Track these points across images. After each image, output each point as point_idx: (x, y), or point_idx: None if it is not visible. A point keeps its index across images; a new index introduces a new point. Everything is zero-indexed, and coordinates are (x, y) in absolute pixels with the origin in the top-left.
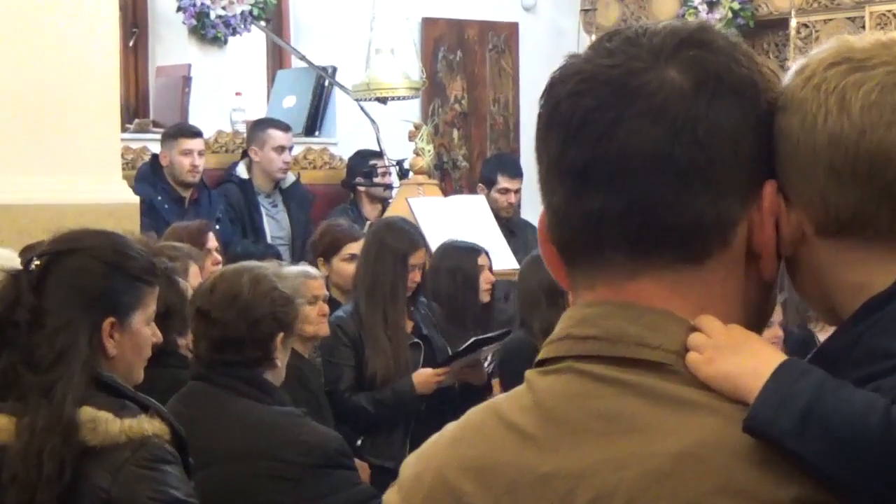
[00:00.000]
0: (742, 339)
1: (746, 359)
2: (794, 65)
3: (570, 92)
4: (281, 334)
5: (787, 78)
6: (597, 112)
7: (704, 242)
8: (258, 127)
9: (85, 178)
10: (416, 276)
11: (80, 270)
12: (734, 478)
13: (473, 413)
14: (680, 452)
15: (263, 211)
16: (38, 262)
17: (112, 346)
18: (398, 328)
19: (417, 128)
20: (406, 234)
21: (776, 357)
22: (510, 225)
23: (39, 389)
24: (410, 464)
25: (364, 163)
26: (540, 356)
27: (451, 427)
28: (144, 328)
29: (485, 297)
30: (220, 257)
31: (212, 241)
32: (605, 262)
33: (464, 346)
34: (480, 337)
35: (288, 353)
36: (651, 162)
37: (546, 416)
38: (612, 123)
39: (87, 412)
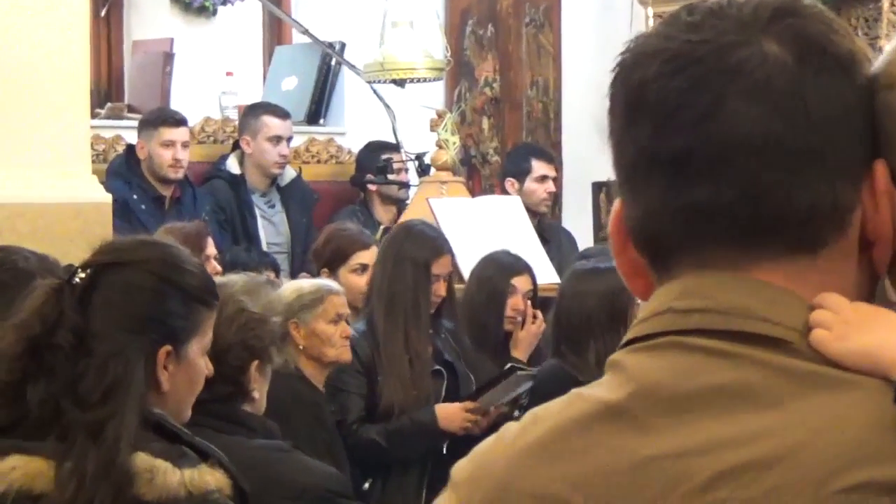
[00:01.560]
0: (874, 314)
1: (884, 333)
2: (894, 40)
3: (657, 74)
4: (255, 363)
5: (887, 54)
6: (693, 94)
7: (821, 230)
8: (251, 113)
9: (47, 173)
10: (440, 289)
11: (131, 287)
12: (884, 448)
13: (553, 404)
14: (820, 426)
15: (258, 212)
16: (82, 275)
17: (166, 380)
18: (421, 352)
19: (441, 115)
20: (428, 239)
21: None
22: (543, 230)
23: (87, 429)
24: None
25: (375, 157)
26: (628, 336)
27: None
28: (200, 359)
29: (507, 325)
30: (219, 266)
31: (210, 247)
32: (709, 259)
33: (499, 373)
34: (515, 365)
35: (267, 380)
36: (760, 145)
37: (647, 395)
38: (711, 105)
39: (144, 460)
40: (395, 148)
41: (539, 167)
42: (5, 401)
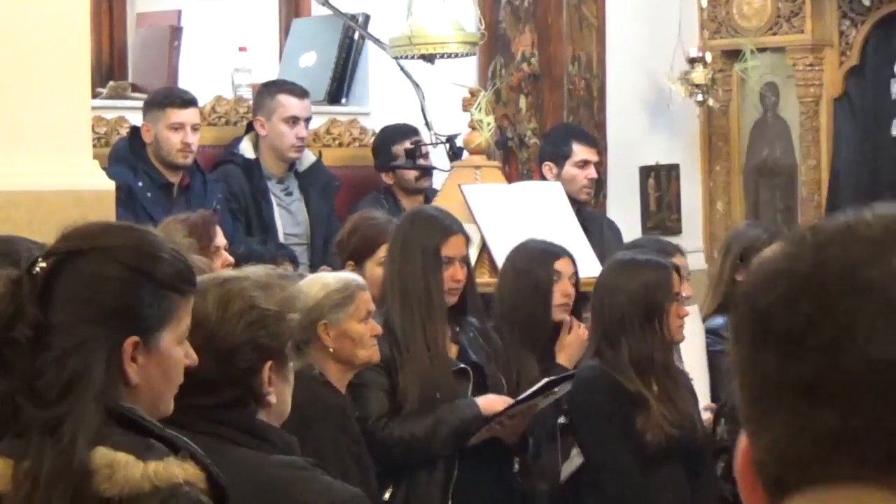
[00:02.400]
0: None
1: None
2: None
3: (783, 297)
4: (268, 363)
5: None
6: (821, 317)
7: None
8: (266, 91)
9: (44, 158)
10: (457, 273)
11: (96, 276)
12: None
13: None
14: None
15: (274, 200)
16: (43, 265)
17: (134, 372)
18: (440, 345)
19: (474, 94)
20: (435, 222)
21: None
22: (583, 219)
23: (44, 426)
24: None
25: (387, 144)
26: None
27: None
28: (175, 349)
29: (558, 315)
30: (230, 257)
31: (220, 238)
32: (839, 489)
33: (533, 389)
34: (554, 377)
35: (289, 381)
36: (894, 369)
37: None
38: (844, 329)
39: (103, 455)
40: (415, 132)
41: (580, 151)
42: None
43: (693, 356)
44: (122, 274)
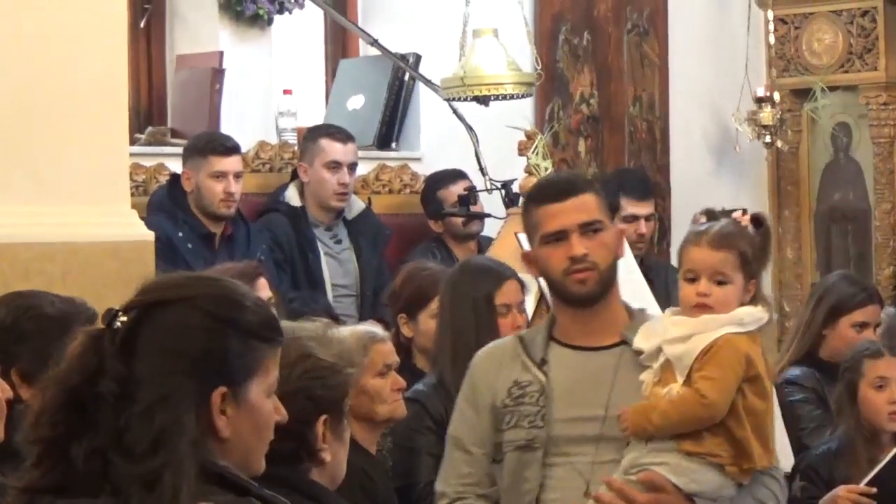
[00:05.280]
0: None
1: None
2: None
3: None
4: (323, 418)
5: None
6: None
7: None
8: (310, 136)
9: (80, 207)
10: (516, 320)
11: (180, 326)
12: None
13: None
14: None
15: (322, 249)
16: (124, 319)
17: (224, 425)
18: None
19: (530, 137)
20: (486, 269)
21: None
22: (646, 268)
23: (141, 481)
24: None
25: (434, 191)
26: None
27: None
28: (265, 401)
29: None
30: (274, 311)
31: (265, 289)
32: None
33: None
34: None
35: (345, 442)
36: None
37: None
38: None
39: None
40: (463, 175)
41: (627, 205)
42: (52, 460)
43: None
44: (207, 323)
